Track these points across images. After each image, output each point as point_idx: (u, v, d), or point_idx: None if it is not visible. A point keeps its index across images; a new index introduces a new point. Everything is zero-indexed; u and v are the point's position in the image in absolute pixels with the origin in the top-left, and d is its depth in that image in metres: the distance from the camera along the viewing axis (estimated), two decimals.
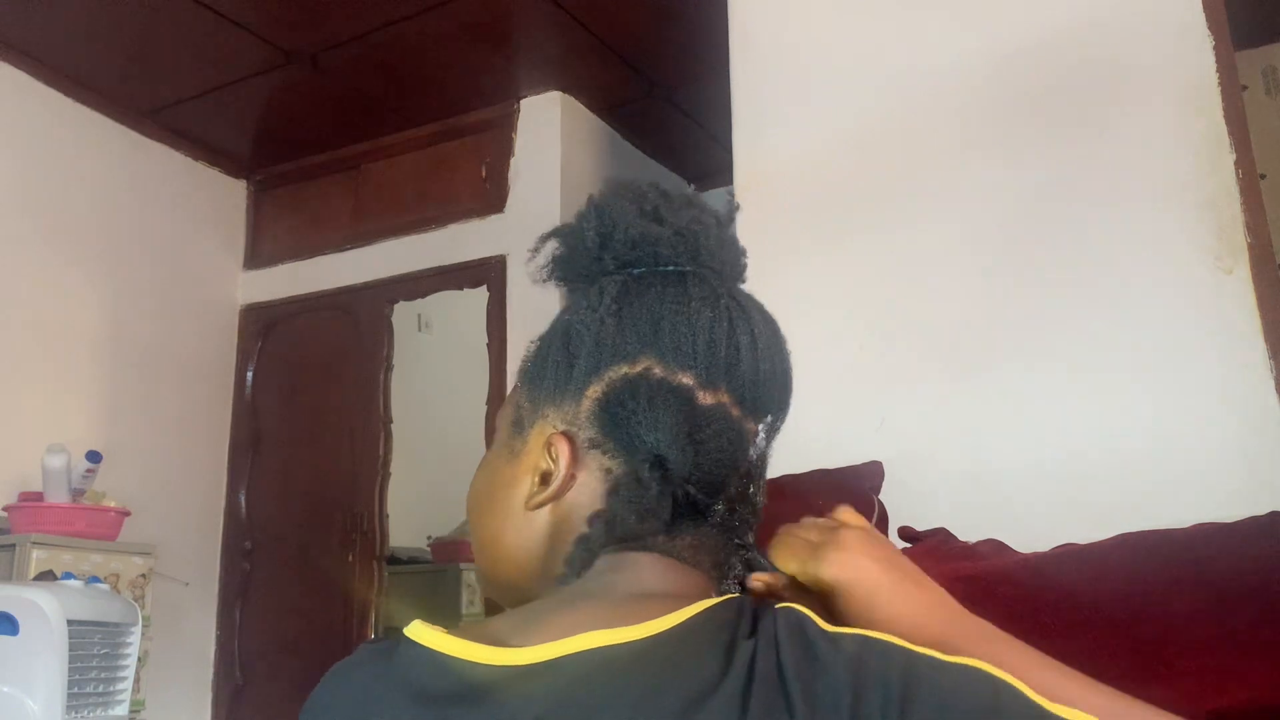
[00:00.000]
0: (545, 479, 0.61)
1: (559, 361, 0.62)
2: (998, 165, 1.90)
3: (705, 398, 0.59)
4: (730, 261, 0.65)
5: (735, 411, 0.60)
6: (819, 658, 0.47)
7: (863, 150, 2.06)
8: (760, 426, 0.62)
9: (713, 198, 0.66)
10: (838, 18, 2.16)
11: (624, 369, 0.59)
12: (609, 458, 0.59)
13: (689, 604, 0.53)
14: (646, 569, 0.59)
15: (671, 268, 0.62)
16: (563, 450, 0.60)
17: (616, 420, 0.59)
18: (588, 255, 0.64)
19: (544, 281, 0.67)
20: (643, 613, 0.51)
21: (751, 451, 0.62)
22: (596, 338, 0.60)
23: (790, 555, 0.59)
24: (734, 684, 0.47)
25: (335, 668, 0.54)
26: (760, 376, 0.61)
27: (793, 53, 2.19)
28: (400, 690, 0.50)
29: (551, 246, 0.66)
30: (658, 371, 0.59)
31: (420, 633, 0.52)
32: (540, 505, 0.61)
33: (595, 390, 0.60)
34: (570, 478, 0.60)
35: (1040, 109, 1.88)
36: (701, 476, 0.59)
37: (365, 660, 0.53)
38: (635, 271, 0.63)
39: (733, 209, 0.68)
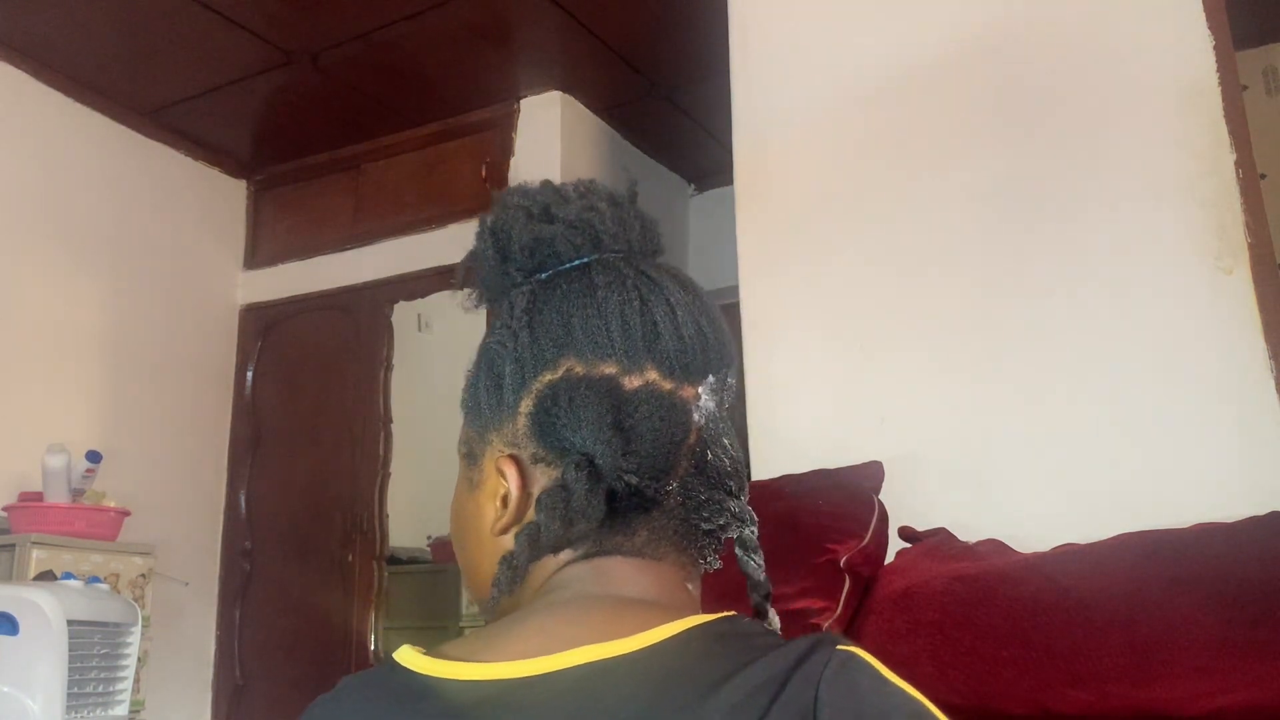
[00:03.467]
0: (506, 502, 0.60)
1: (488, 386, 0.62)
2: (998, 165, 1.90)
3: (631, 381, 0.58)
4: (637, 239, 0.64)
5: (666, 386, 0.59)
6: (863, 706, 0.46)
7: (862, 150, 2.06)
8: (700, 389, 0.61)
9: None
10: (837, 17, 2.16)
11: (547, 376, 0.59)
12: (553, 468, 0.59)
13: (674, 613, 0.53)
14: (615, 575, 0.58)
15: (574, 262, 0.62)
16: (510, 473, 0.60)
17: (545, 429, 0.59)
18: (494, 273, 0.64)
19: (473, 309, 0.67)
20: (628, 624, 0.51)
21: (696, 417, 0.60)
22: (515, 354, 0.60)
23: None
24: (741, 697, 0.46)
25: (317, 700, 0.53)
26: (686, 343, 0.60)
27: (793, 53, 2.19)
28: (392, 716, 0.50)
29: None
30: (579, 370, 0.59)
31: (407, 657, 0.53)
32: (504, 530, 0.60)
33: (526, 405, 0.60)
34: (527, 497, 0.60)
35: (1041, 109, 1.88)
36: (641, 462, 0.58)
37: (352, 690, 0.53)
38: (541, 276, 0.62)
39: (633, 187, 0.66)
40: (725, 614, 0.54)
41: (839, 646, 0.49)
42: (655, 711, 0.47)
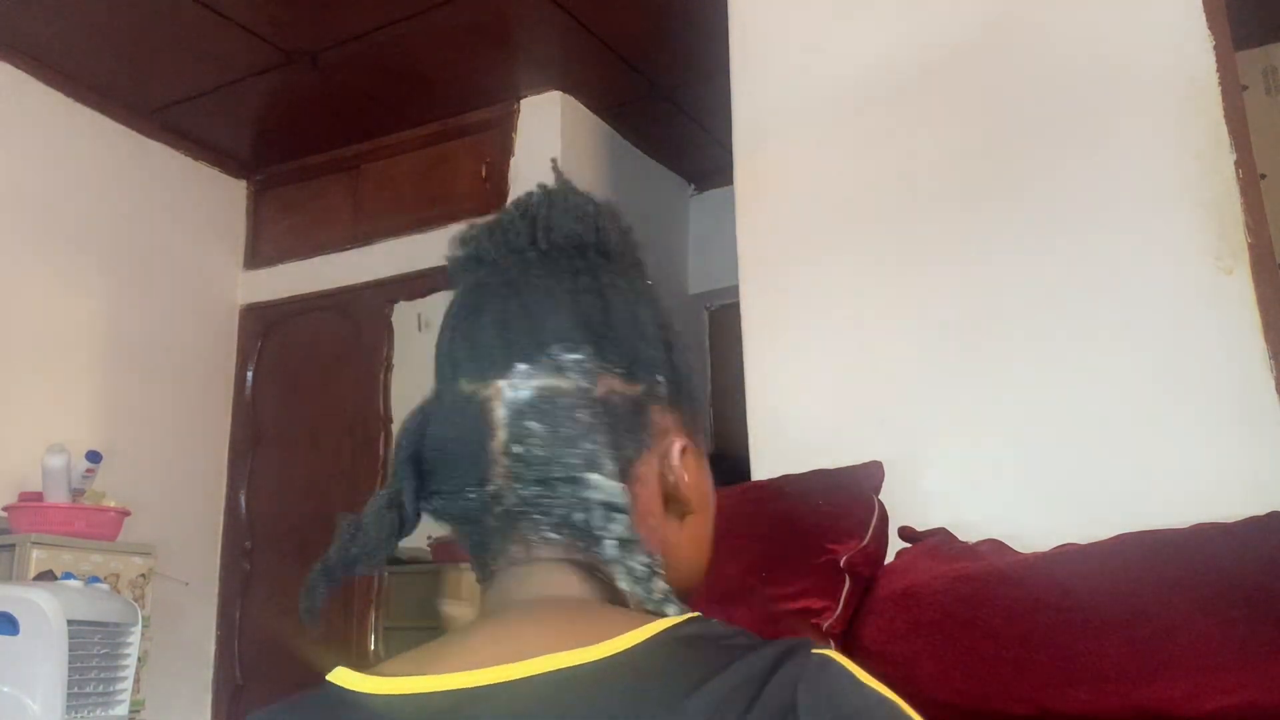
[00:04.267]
0: None
1: None
2: (998, 164, 1.90)
3: (439, 393, 0.61)
4: (528, 246, 0.64)
5: (468, 389, 0.59)
6: (842, 707, 0.46)
7: (862, 149, 2.06)
8: (503, 384, 0.59)
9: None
10: (838, 17, 2.16)
11: None
12: None
13: (636, 618, 0.52)
14: (546, 581, 0.59)
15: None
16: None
17: None
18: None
19: None
20: (591, 630, 0.51)
21: (500, 412, 0.58)
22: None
23: None
24: (718, 700, 0.46)
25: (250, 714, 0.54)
26: (475, 334, 0.61)
27: (793, 53, 2.19)
28: None
29: None
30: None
31: (343, 676, 0.53)
32: None
33: None
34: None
35: (1040, 109, 1.88)
36: (441, 485, 0.60)
37: (283, 709, 0.54)
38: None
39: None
40: (691, 615, 0.53)
41: (814, 650, 0.49)
42: (630, 719, 0.46)
